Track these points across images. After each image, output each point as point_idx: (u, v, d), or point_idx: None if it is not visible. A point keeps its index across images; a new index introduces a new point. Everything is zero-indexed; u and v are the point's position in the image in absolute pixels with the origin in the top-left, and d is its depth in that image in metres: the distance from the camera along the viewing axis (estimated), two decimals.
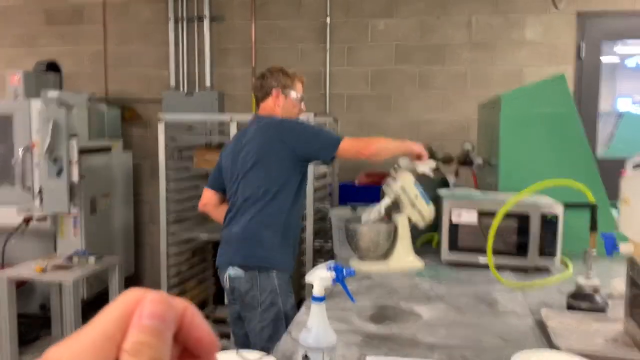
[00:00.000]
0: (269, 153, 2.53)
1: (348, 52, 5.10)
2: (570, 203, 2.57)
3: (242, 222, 2.55)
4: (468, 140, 3.66)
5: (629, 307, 1.75)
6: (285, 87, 2.71)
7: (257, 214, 2.52)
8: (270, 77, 2.71)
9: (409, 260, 2.68)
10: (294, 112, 2.76)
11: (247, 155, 2.58)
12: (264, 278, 2.44)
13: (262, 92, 2.72)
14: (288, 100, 2.72)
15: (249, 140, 2.61)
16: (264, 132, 2.58)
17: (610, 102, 5.09)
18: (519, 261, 2.56)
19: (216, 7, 5.31)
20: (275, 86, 2.69)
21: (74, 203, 4.45)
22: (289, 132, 2.55)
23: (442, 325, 1.90)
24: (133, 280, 5.57)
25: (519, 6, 4.78)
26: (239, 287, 2.49)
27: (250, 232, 2.51)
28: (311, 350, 1.37)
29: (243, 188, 2.58)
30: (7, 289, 3.90)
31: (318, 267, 1.54)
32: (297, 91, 2.76)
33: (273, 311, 2.42)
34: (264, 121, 2.66)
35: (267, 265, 2.45)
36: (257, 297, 2.45)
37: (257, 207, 2.52)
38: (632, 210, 1.67)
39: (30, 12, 5.66)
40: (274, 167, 2.53)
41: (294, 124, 2.63)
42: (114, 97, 5.55)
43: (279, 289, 2.44)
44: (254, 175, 2.54)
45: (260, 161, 2.54)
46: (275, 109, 2.69)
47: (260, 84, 2.74)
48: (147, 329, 0.38)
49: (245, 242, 2.52)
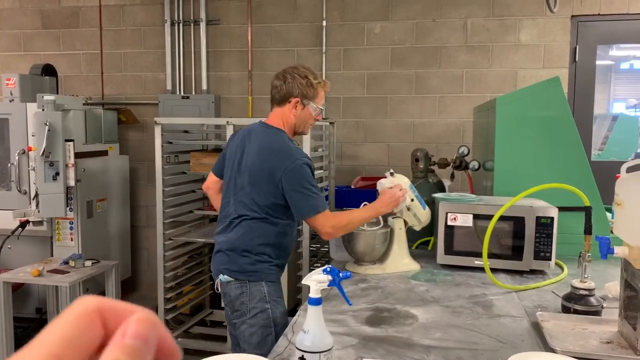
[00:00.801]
0: (265, 180, 2.42)
1: (344, 55, 5.12)
2: (565, 206, 2.58)
3: (234, 236, 2.49)
4: (463, 143, 3.67)
5: (624, 309, 1.76)
6: (306, 98, 2.51)
7: (250, 230, 2.46)
8: (292, 82, 2.50)
9: (404, 263, 2.68)
10: (308, 123, 2.60)
11: (245, 169, 2.49)
12: (253, 286, 2.44)
13: (280, 96, 2.53)
14: (305, 111, 2.53)
15: (251, 153, 2.49)
16: (265, 159, 2.44)
17: (604, 105, 5.12)
18: (514, 264, 2.57)
19: (212, 10, 5.32)
20: (296, 95, 2.50)
21: (71, 207, 4.45)
22: (285, 176, 2.37)
23: (438, 328, 1.91)
24: (129, 283, 5.57)
25: (514, 9, 4.80)
26: (229, 293, 2.50)
27: (241, 247, 2.46)
28: (308, 352, 1.38)
29: (237, 203, 2.50)
30: (3, 293, 3.89)
31: (314, 271, 1.54)
32: (318, 103, 2.55)
33: (262, 317, 2.42)
34: (270, 142, 2.48)
35: (256, 279, 2.45)
36: (247, 303, 2.44)
37: (250, 224, 2.46)
38: (627, 213, 1.68)
39: (25, 15, 5.66)
40: (268, 192, 2.42)
41: (293, 171, 2.38)
42: (110, 101, 5.55)
43: (268, 296, 2.43)
44: (249, 193, 2.46)
45: (256, 183, 2.44)
46: (290, 117, 2.53)
47: (280, 88, 2.53)
48: (129, 349, 0.37)
49: (236, 256, 2.47)
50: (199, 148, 4.46)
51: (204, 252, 4.64)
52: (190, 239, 4.23)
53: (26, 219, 4.34)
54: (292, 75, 2.51)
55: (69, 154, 4.37)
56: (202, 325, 4.61)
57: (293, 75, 2.51)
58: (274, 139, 2.49)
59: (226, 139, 3.85)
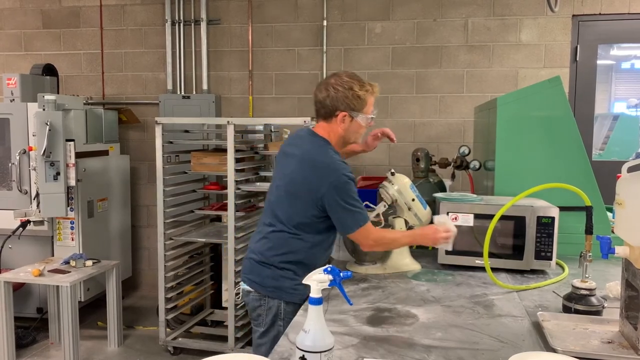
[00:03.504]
0: (304, 192, 2.31)
1: (344, 55, 5.12)
2: (565, 206, 2.58)
3: (263, 247, 2.42)
4: (464, 142, 3.67)
5: (625, 309, 1.76)
6: (354, 110, 2.34)
7: (277, 244, 2.37)
8: (335, 94, 2.33)
9: (405, 263, 2.68)
10: (359, 132, 2.44)
11: (285, 177, 2.39)
12: (271, 301, 2.41)
13: (326, 112, 2.37)
14: (354, 123, 2.37)
15: (292, 162, 2.39)
16: (307, 171, 2.32)
17: (605, 104, 5.11)
18: (515, 263, 2.57)
19: (213, 10, 5.32)
20: (342, 109, 2.34)
21: (71, 207, 4.46)
22: (328, 191, 2.26)
23: (438, 327, 1.91)
24: (130, 283, 5.57)
25: (515, 9, 4.80)
26: (248, 302, 2.49)
27: (266, 259, 2.40)
28: (309, 352, 1.38)
29: (271, 211, 2.43)
30: (4, 292, 3.90)
31: (315, 270, 1.54)
32: (367, 111, 2.38)
33: (272, 333, 2.41)
34: (314, 153, 2.35)
35: (276, 296, 2.40)
36: (263, 316, 2.43)
37: (279, 236, 2.37)
38: (627, 212, 1.67)
39: (26, 15, 5.66)
40: (305, 204, 2.32)
41: (338, 187, 2.27)
42: (111, 101, 5.55)
43: (283, 314, 2.38)
44: (284, 203, 2.37)
45: (295, 194, 2.34)
46: (338, 130, 2.38)
47: (324, 102, 2.37)
48: None
49: (260, 268, 2.41)
50: (200, 148, 4.46)
51: (205, 252, 4.64)
52: (191, 238, 4.23)
53: (27, 219, 4.34)
54: (335, 88, 2.34)
55: (69, 154, 4.37)
56: (203, 325, 4.61)
57: (336, 87, 2.33)
58: (319, 150, 2.35)
59: (227, 138, 3.88)
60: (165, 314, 4.18)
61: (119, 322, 4.36)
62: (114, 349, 4.32)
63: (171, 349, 4.26)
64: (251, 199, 4.42)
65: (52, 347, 4.33)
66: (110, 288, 4.28)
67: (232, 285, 3.97)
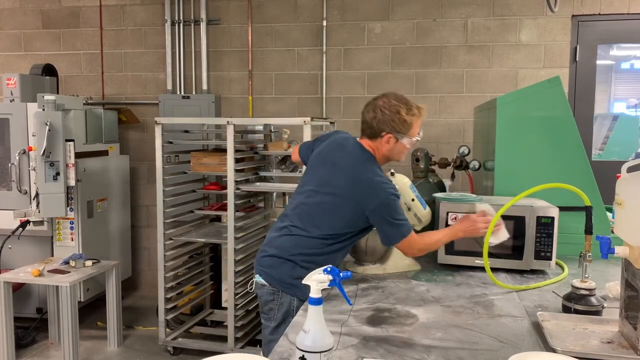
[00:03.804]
0: (350, 210, 2.35)
1: (344, 55, 5.12)
2: (565, 206, 2.58)
3: (286, 244, 2.43)
4: (464, 142, 3.67)
5: (624, 309, 1.76)
6: (399, 133, 2.39)
7: (307, 246, 2.39)
8: (382, 117, 2.37)
9: (405, 263, 2.68)
10: (403, 152, 2.48)
11: (327, 187, 2.41)
12: (285, 296, 2.42)
13: (371, 131, 2.42)
14: (399, 145, 2.42)
15: (339, 174, 2.40)
16: (355, 188, 2.35)
17: (605, 104, 5.12)
18: (515, 263, 2.57)
19: (212, 10, 5.32)
20: (388, 132, 2.38)
21: (71, 207, 4.46)
22: (376, 210, 2.32)
23: (438, 327, 1.91)
24: (130, 283, 5.57)
25: (515, 9, 4.80)
26: (261, 296, 2.49)
27: (288, 258, 2.40)
28: (308, 352, 1.38)
29: (301, 214, 2.44)
30: (4, 293, 3.89)
31: (315, 270, 1.54)
32: (413, 134, 2.42)
33: (283, 329, 2.41)
34: (362, 170, 2.38)
35: (290, 292, 2.41)
36: (274, 310, 2.44)
37: (310, 239, 2.39)
38: (627, 212, 1.67)
39: (26, 15, 5.66)
40: (347, 220, 2.37)
41: (385, 206, 2.32)
42: (111, 101, 5.55)
43: (295, 310, 2.39)
44: (323, 212, 2.39)
45: (338, 207, 2.36)
46: (383, 150, 2.43)
47: (370, 123, 2.41)
48: None
49: (279, 263, 2.42)
50: (200, 148, 4.46)
51: (205, 252, 4.64)
52: (190, 238, 4.23)
53: (27, 219, 4.34)
54: (382, 111, 2.38)
55: (69, 154, 4.37)
56: (203, 325, 4.61)
57: (383, 110, 2.38)
58: (369, 167, 2.40)
59: (226, 138, 3.87)
60: (165, 314, 4.18)
61: (119, 322, 4.36)
62: (113, 349, 4.32)
63: (171, 349, 4.26)
64: (251, 199, 4.42)
65: (52, 347, 4.33)
66: (110, 288, 4.28)
67: (232, 285, 3.97)
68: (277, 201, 4.70)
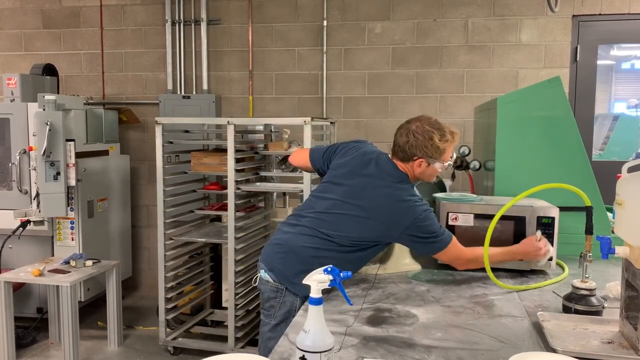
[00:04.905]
0: (384, 229, 2.35)
1: (345, 55, 5.12)
2: (566, 206, 2.58)
3: (304, 243, 2.39)
4: (464, 143, 3.67)
5: (625, 309, 1.76)
6: (431, 158, 2.39)
7: (325, 251, 2.35)
8: (415, 142, 2.37)
9: (405, 263, 2.68)
10: (434, 175, 2.50)
11: (358, 200, 2.38)
12: (288, 295, 2.41)
13: (404, 155, 2.42)
14: (430, 169, 2.42)
15: (373, 193, 2.38)
16: (389, 208, 2.34)
17: (605, 104, 5.12)
18: (515, 264, 2.56)
19: (213, 10, 5.32)
20: (420, 156, 2.39)
21: (71, 207, 4.46)
22: (410, 229, 2.32)
23: (438, 328, 1.91)
24: (130, 283, 5.57)
25: (515, 9, 4.80)
26: (264, 291, 2.48)
27: (302, 258, 2.37)
28: (309, 352, 1.38)
29: (329, 222, 2.39)
30: (4, 292, 3.89)
31: (315, 271, 1.54)
32: (445, 159, 2.43)
33: (283, 327, 2.40)
34: (396, 190, 2.37)
35: (295, 291, 2.39)
36: (276, 308, 2.42)
37: (331, 246, 2.36)
38: (628, 212, 1.67)
39: (26, 15, 5.66)
40: (378, 236, 2.37)
41: (420, 226, 2.32)
42: (111, 101, 5.56)
43: (297, 310, 2.38)
44: (352, 225, 2.36)
45: (370, 224, 2.35)
46: (414, 172, 2.44)
47: (403, 147, 2.41)
48: None
49: (293, 263, 2.39)
50: (200, 148, 4.46)
51: (205, 252, 4.64)
52: (191, 238, 4.23)
53: (27, 219, 4.34)
54: (415, 136, 2.38)
55: (69, 154, 4.37)
56: (203, 325, 4.61)
57: (416, 135, 2.38)
58: (402, 186, 2.40)
59: (227, 138, 3.87)
60: (165, 314, 4.18)
61: (119, 322, 4.36)
62: (114, 349, 4.32)
63: (171, 349, 4.26)
64: (251, 199, 4.42)
65: (52, 347, 4.33)
66: (110, 288, 4.28)
67: (232, 285, 3.97)
68: (277, 201, 4.70)
